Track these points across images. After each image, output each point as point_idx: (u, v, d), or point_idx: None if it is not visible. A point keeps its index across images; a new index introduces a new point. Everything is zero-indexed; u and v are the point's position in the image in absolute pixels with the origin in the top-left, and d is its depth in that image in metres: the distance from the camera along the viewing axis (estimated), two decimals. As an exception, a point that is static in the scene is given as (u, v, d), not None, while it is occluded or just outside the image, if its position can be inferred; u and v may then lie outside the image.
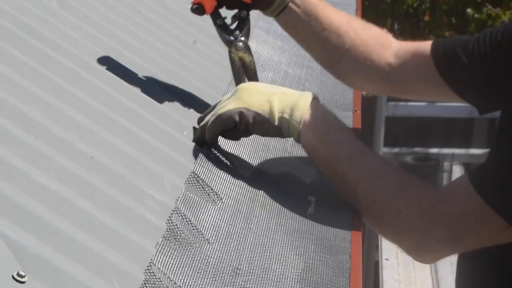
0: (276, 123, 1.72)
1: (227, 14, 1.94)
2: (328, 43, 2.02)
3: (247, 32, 1.93)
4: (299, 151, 1.97)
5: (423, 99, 2.49)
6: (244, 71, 1.94)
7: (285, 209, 1.71)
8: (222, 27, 1.92)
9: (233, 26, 1.92)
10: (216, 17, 1.91)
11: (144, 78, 1.87)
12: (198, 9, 1.88)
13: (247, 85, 1.80)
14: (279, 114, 1.72)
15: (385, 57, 2.07)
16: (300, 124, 1.72)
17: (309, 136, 1.73)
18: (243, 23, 1.92)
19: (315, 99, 1.76)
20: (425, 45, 2.04)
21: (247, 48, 1.93)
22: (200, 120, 1.81)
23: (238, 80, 1.95)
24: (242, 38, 1.92)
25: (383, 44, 2.09)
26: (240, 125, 1.72)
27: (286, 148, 1.97)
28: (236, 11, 1.94)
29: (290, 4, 1.97)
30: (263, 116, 1.72)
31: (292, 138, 1.79)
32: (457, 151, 7.23)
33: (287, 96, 1.74)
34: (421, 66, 2.02)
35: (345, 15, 2.08)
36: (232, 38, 1.92)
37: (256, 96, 1.73)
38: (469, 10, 7.72)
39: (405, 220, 1.69)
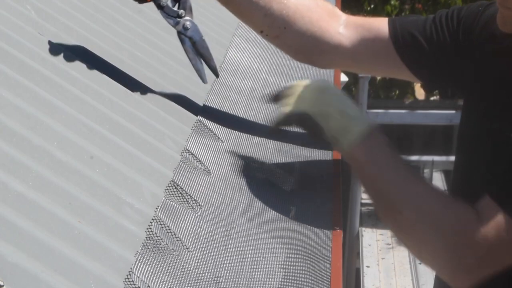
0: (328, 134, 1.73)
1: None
2: (270, 9, 1.96)
3: (190, 10, 1.93)
4: (280, 159, 1.97)
5: (374, 74, 2.44)
6: (195, 50, 1.94)
7: (265, 217, 1.71)
8: (166, 9, 1.91)
9: (176, 7, 1.92)
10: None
11: (123, 87, 1.86)
12: None
13: (322, 87, 1.77)
14: (332, 132, 1.71)
15: (334, 25, 2.00)
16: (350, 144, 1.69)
17: (357, 153, 1.70)
18: (184, 1, 1.92)
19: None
20: (380, 22, 1.98)
21: (195, 26, 1.93)
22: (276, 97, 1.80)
23: (193, 60, 1.94)
24: (188, 18, 1.92)
25: (330, 12, 2.02)
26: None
27: (267, 155, 1.97)
28: None
29: None
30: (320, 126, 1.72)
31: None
32: (437, 158, 7.26)
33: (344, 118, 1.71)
34: (377, 43, 1.97)
35: None
36: (178, 19, 1.92)
37: (320, 107, 1.72)
38: (447, 18, 7.76)
39: (443, 245, 1.67)
